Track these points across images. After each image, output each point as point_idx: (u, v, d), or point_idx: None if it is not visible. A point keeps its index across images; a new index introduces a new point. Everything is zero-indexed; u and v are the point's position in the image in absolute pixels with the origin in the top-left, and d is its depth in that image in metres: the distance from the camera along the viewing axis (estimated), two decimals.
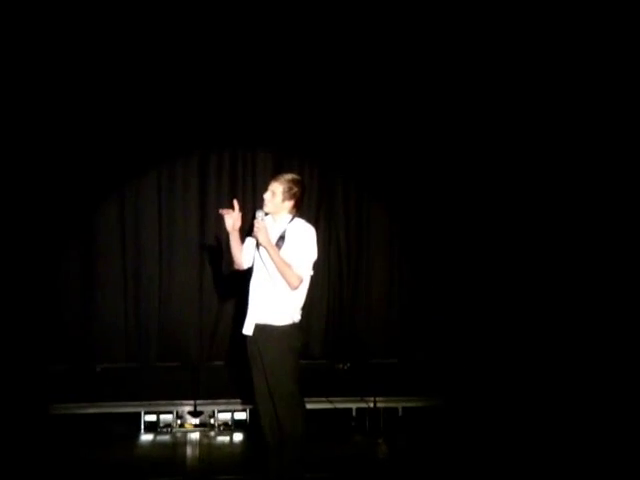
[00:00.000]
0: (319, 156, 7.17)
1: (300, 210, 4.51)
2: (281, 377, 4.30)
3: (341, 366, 6.97)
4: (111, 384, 6.37)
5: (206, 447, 5.47)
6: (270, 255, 4.24)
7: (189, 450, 5.42)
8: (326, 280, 7.20)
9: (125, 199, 6.96)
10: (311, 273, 4.41)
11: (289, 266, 4.26)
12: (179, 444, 5.53)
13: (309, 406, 5.74)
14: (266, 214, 4.37)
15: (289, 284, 4.28)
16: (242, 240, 4.52)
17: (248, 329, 4.38)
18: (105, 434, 5.61)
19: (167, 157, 6.96)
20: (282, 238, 4.34)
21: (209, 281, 7.08)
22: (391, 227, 7.33)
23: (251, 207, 6.96)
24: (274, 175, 4.50)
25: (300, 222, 4.43)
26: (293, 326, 4.36)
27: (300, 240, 4.34)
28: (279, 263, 4.25)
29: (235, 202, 4.35)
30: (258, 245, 4.35)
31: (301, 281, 4.32)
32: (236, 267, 4.56)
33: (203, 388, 6.16)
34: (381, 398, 5.89)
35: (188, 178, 7.04)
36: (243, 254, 4.49)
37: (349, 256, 7.28)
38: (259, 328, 4.34)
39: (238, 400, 5.84)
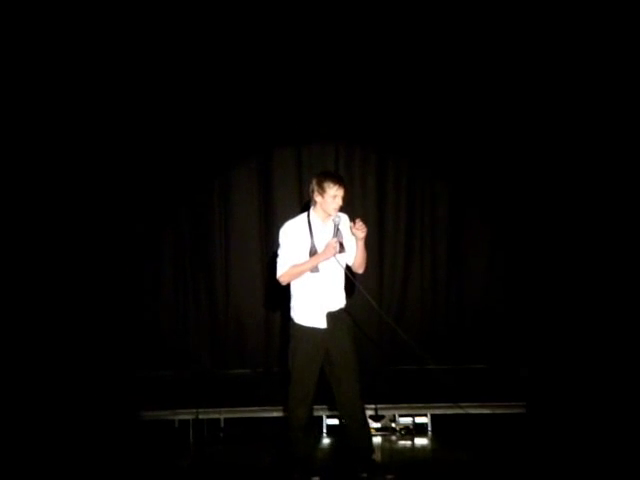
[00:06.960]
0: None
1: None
2: (356, 350, 4.66)
3: None
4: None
5: (388, 451, 5.39)
6: (359, 247, 4.60)
7: None
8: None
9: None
10: None
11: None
12: None
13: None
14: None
15: (362, 269, 4.72)
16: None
17: (321, 322, 4.57)
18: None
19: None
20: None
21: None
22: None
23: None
24: (337, 181, 4.53)
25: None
26: None
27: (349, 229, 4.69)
28: (364, 252, 4.64)
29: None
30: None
31: None
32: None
33: (384, 392, 6.07)
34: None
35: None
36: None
37: None
38: (333, 316, 4.60)
39: (419, 404, 5.77)
